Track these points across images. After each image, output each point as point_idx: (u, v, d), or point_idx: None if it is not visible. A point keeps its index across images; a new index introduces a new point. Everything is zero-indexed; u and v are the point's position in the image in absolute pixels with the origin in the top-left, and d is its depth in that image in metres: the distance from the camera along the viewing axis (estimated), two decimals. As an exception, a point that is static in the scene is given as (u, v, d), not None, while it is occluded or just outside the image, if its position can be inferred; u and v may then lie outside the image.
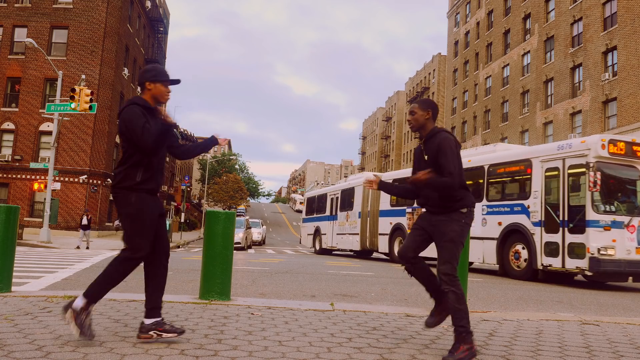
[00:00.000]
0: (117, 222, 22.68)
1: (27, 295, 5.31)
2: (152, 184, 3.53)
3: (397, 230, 17.69)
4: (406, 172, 18.55)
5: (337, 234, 22.42)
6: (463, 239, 3.55)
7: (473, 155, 15.35)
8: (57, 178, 27.06)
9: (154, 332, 3.43)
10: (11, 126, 34.54)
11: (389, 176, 19.25)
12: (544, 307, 7.29)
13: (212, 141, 3.80)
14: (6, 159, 33.88)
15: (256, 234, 34.52)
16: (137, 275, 9.26)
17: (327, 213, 23.98)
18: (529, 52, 41.53)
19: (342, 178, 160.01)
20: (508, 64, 44.90)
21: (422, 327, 4.44)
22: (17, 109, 34.58)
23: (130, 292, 6.42)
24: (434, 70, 72.94)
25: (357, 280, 9.99)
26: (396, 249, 16.19)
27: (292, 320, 4.51)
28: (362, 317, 4.87)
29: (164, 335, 3.43)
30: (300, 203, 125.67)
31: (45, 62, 32.80)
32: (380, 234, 18.89)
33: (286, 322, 4.41)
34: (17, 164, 33.93)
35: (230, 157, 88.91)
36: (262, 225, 38.83)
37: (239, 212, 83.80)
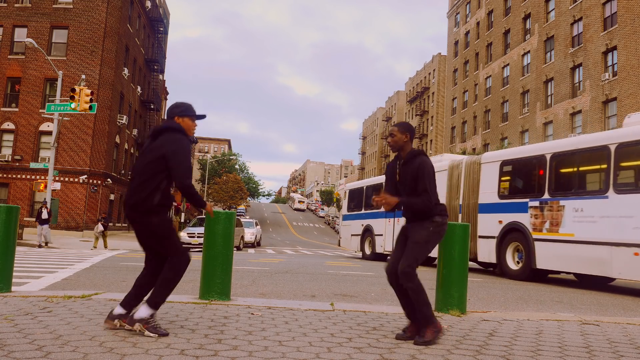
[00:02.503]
0: (100, 228, 22.24)
1: (27, 295, 5.31)
2: (166, 200, 3.81)
3: (511, 232, 12.72)
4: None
5: None
6: (429, 244, 3.92)
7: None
8: (57, 178, 27.06)
9: (118, 322, 3.73)
10: (11, 126, 34.55)
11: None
12: (544, 307, 7.29)
13: (201, 204, 3.98)
14: (6, 159, 33.88)
15: (249, 234, 31.82)
16: (137, 275, 9.24)
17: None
18: (529, 52, 41.53)
19: (342, 178, 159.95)
20: (508, 64, 44.90)
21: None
22: (17, 109, 34.59)
23: (130, 292, 6.42)
24: (434, 70, 72.94)
25: (357, 280, 9.99)
26: (510, 259, 12.64)
27: (292, 320, 4.51)
28: (362, 317, 4.87)
29: (127, 326, 3.69)
30: (300, 202, 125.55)
31: (45, 62, 32.80)
32: (481, 237, 14.04)
33: (286, 322, 4.41)
34: (17, 164, 33.94)
35: (230, 157, 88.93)
36: (257, 225, 35.59)
37: (239, 212, 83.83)
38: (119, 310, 3.77)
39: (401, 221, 17.54)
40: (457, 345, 3.80)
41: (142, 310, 3.65)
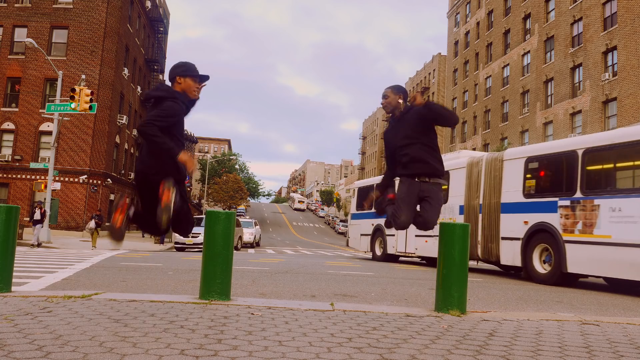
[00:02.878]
0: (92, 225, 21.90)
1: (27, 295, 5.31)
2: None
3: (538, 233, 11.93)
4: None
5: (417, 236, 17.23)
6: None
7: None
8: (57, 178, 27.06)
9: None
10: (11, 126, 34.55)
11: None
12: (544, 307, 7.29)
13: (168, 152, 3.93)
14: (6, 159, 33.89)
15: (248, 234, 31.25)
16: (137, 275, 9.27)
17: None
18: (529, 52, 41.54)
19: (342, 178, 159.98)
20: (508, 64, 44.91)
21: (422, 327, 4.45)
22: (17, 109, 34.59)
23: (130, 292, 6.43)
24: (434, 70, 72.95)
25: (357, 280, 9.99)
26: (537, 262, 11.84)
27: (292, 320, 4.51)
28: (362, 317, 4.87)
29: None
30: (299, 202, 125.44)
31: (45, 62, 32.80)
32: (504, 239, 13.13)
33: (286, 322, 4.41)
34: (17, 164, 33.94)
35: (231, 157, 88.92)
36: (256, 225, 34.74)
37: (239, 212, 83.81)
38: None
39: None
40: (457, 345, 3.80)
41: None
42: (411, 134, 4.16)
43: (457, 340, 3.97)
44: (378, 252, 19.49)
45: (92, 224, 21.91)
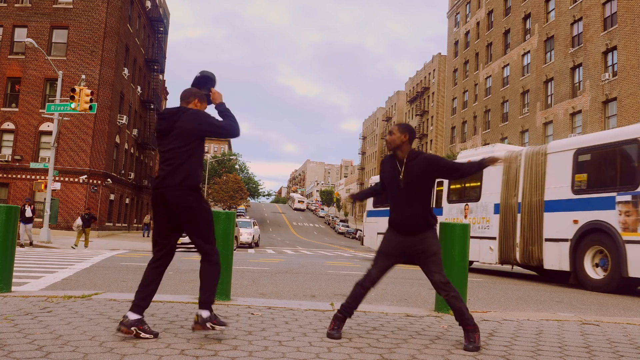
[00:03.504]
0: (78, 223, 21.10)
1: (27, 295, 5.31)
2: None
3: (591, 232, 10.72)
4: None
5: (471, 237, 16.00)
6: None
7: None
8: (57, 178, 27.07)
9: (135, 329, 3.51)
10: (11, 126, 34.55)
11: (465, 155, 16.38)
12: (544, 307, 7.30)
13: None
14: (6, 159, 33.89)
15: (246, 234, 30.20)
16: (137, 276, 9.24)
17: None
18: (529, 52, 41.55)
19: (342, 178, 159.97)
20: (508, 64, 44.91)
21: (422, 327, 4.45)
22: (17, 109, 34.60)
23: (130, 292, 6.42)
24: (434, 70, 72.95)
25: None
26: (589, 266, 10.72)
27: (292, 320, 4.51)
28: (362, 317, 4.87)
29: (142, 334, 3.50)
30: (299, 202, 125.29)
31: (45, 62, 32.81)
32: (549, 240, 11.81)
33: (286, 322, 4.41)
34: (17, 164, 33.94)
35: (230, 157, 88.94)
36: (255, 225, 33.52)
37: (239, 212, 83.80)
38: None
39: (439, 219, 14.47)
40: (457, 345, 3.80)
41: (202, 312, 3.65)
42: (414, 191, 3.92)
43: (457, 340, 3.97)
44: None
45: (78, 221, 21.22)
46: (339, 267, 14.26)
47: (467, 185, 15.12)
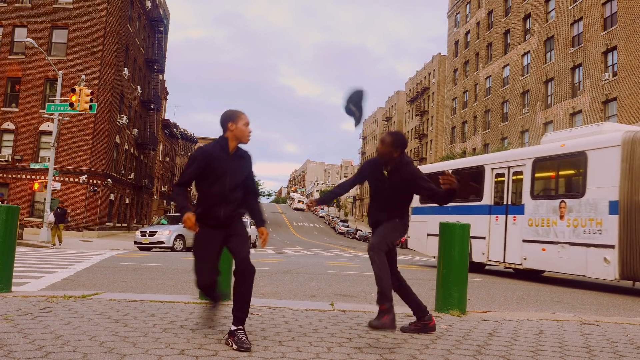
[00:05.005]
0: (51, 219, 20.46)
1: (27, 295, 5.31)
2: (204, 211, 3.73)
3: None
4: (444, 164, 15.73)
5: (526, 241, 12.29)
6: (397, 234, 4.16)
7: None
8: (57, 178, 27.06)
9: (229, 340, 3.46)
10: (11, 126, 34.55)
11: (426, 168, 16.29)
12: (544, 307, 7.29)
13: (258, 223, 4.01)
14: (6, 159, 33.89)
15: None
16: (137, 276, 9.25)
17: (486, 200, 13.75)
18: (529, 52, 41.55)
19: (342, 178, 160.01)
20: (508, 64, 44.91)
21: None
22: (17, 109, 34.59)
23: (130, 292, 6.43)
24: (434, 70, 72.95)
25: (357, 280, 9.98)
26: None
27: (292, 320, 4.51)
28: (362, 317, 4.87)
29: (234, 345, 3.41)
30: (299, 202, 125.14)
31: (45, 62, 32.81)
32: None
33: (286, 322, 4.41)
34: (17, 164, 33.94)
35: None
36: (252, 225, 31.24)
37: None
38: None
39: (518, 219, 12.60)
40: (457, 345, 3.80)
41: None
42: (393, 197, 4.06)
43: (457, 340, 3.97)
44: None
45: (50, 217, 20.34)
46: (339, 267, 14.26)
47: (563, 174, 12.04)
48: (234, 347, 3.33)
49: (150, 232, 21.48)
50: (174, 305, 5.04)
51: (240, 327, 3.45)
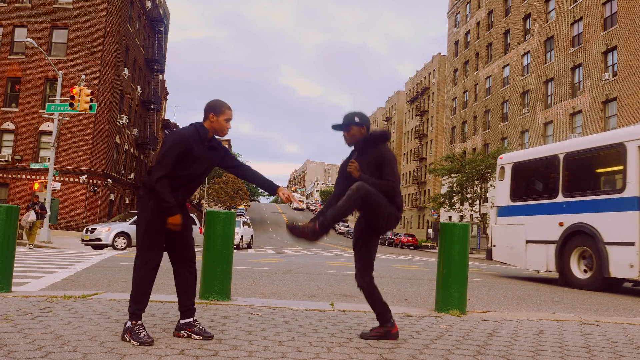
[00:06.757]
0: (32, 217, 18.60)
1: (27, 295, 5.31)
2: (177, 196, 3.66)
3: None
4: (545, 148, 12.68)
5: None
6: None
7: None
8: (57, 178, 27.06)
9: (185, 332, 3.61)
10: (11, 126, 34.56)
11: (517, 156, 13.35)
12: (544, 307, 7.30)
13: (272, 189, 3.90)
14: (6, 159, 33.89)
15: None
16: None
17: (632, 191, 9.95)
18: (529, 52, 41.54)
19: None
20: (508, 64, 44.91)
21: (422, 327, 4.45)
22: (17, 109, 34.60)
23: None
24: (434, 70, 72.94)
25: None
26: None
27: (292, 320, 4.51)
28: (362, 317, 4.87)
29: (193, 336, 3.57)
30: (299, 201, 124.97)
31: (45, 62, 32.81)
32: None
33: (286, 322, 4.41)
34: (17, 164, 33.94)
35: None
36: (245, 225, 30.10)
37: (239, 212, 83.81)
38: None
39: None
40: (457, 345, 3.80)
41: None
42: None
43: (457, 340, 3.97)
44: (579, 272, 10.98)
45: (32, 215, 18.64)
46: (339, 267, 14.26)
47: (601, 171, 10.88)
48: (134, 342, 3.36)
49: (91, 228, 20.27)
50: (174, 305, 5.04)
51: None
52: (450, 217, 50.36)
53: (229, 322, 4.28)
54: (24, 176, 33.79)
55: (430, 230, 62.81)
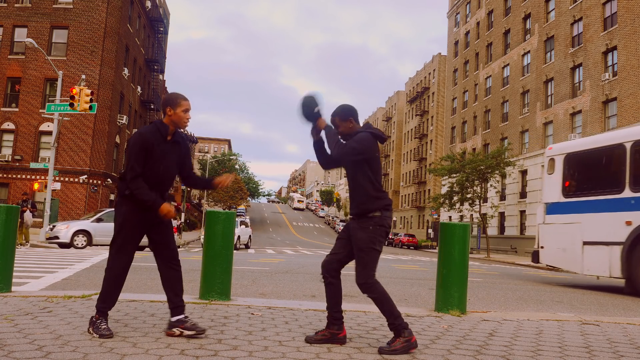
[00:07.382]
0: (29, 216, 18.64)
1: (27, 295, 5.31)
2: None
3: None
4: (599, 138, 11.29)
5: None
6: (375, 245, 3.61)
7: None
8: (57, 178, 27.05)
9: (177, 329, 3.65)
10: (11, 126, 34.55)
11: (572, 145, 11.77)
12: (544, 307, 7.30)
13: (209, 183, 4.04)
14: (6, 159, 33.89)
15: None
16: (137, 276, 9.25)
17: None
18: (529, 52, 41.53)
19: (341, 178, 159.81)
20: (508, 64, 44.90)
21: (422, 327, 4.45)
22: (17, 109, 34.60)
23: (130, 292, 6.42)
24: (434, 70, 72.92)
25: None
26: None
27: (292, 320, 4.52)
28: (362, 317, 4.87)
29: (185, 332, 3.62)
30: (299, 201, 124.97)
31: (45, 62, 32.80)
32: None
33: (286, 322, 4.41)
34: (17, 164, 33.94)
35: (230, 157, 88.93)
36: (242, 225, 29.43)
37: (239, 212, 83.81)
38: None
39: None
40: (457, 345, 3.80)
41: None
42: (349, 172, 3.75)
43: (457, 340, 3.97)
44: None
45: (29, 215, 18.55)
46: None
47: None
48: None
49: (52, 226, 19.83)
50: (174, 305, 5.03)
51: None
52: (450, 217, 50.34)
53: (229, 322, 4.28)
54: (24, 176, 33.79)
55: (430, 230, 62.78)
